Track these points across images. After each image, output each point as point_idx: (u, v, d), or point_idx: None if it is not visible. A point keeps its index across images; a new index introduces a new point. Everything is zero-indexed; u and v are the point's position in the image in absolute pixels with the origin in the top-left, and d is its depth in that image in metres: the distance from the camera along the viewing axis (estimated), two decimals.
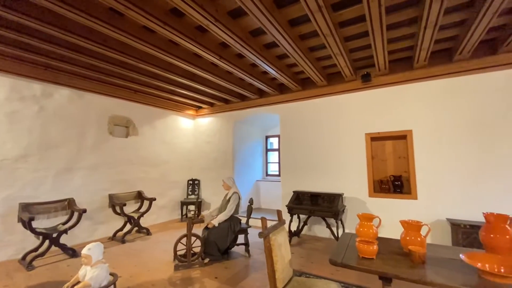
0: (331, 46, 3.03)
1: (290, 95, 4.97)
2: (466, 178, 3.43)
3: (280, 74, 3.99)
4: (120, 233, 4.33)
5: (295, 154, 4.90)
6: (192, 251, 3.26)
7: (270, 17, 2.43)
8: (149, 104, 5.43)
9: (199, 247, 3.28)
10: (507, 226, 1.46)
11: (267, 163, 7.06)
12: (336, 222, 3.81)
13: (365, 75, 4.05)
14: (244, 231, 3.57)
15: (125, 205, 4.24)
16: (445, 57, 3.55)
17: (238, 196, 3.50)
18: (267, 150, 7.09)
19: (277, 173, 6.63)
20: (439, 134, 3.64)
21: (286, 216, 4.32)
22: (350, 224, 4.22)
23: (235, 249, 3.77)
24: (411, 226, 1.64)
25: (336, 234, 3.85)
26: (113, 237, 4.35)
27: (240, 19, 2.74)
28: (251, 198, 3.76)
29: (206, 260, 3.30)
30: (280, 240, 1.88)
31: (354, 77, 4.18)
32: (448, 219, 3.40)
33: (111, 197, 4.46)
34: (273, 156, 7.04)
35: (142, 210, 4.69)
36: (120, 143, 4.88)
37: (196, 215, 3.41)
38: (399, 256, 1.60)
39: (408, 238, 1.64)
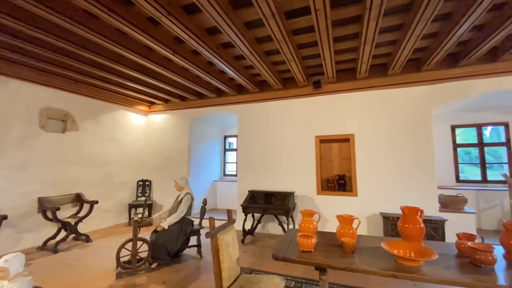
0: (284, 52, 3.17)
1: (248, 96, 5.04)
2: (395, 177, 3.96)
3: (237, 75, 4.02)
4: (52, 242, 3.81)
5: (252, 154, 4.98)
6: (138, 257, 3.06)
7: (226, 17, 2.44)
8: (93, 96, 4.90)
9: (147, 252, 3.09)
10: (418, 217, 1.73)
11: (225, 163, 7.03)
12: (287, 219, 4.01)
13: (316, 82, 4.35)
14: (197, 232, 3.49)
15: (58, 209, 3.74)
16: (382, 71, 4.05)
17: (190, 197, 3.41)
18: (225, 150, 7.06)
19: (235, 173, 6.65)
20: (375, 138, 4.12)
21: (241, 215, 4.38)
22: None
23: (187, 251, 3.66)
24: (345, 220, 1.82)
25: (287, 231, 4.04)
26: (43, 247, 3.80)
27: (195, 15, 2.68)
28: (205, 199, 3.70)
29: (154, 265, 3.13)
30: (228, 239, 1.89)
31: (306, 83, 4.45)
32: (380, 213, 3.88)
33: (41, 200, 3.89)
34: (232, 156, 7.04)
35: (81, 214, 4.21)
36: (55, 139, 4.29)
37: (143, 218, 3.20)
38: (334, 248, 1.77)
39: (342, 231, 1.82)
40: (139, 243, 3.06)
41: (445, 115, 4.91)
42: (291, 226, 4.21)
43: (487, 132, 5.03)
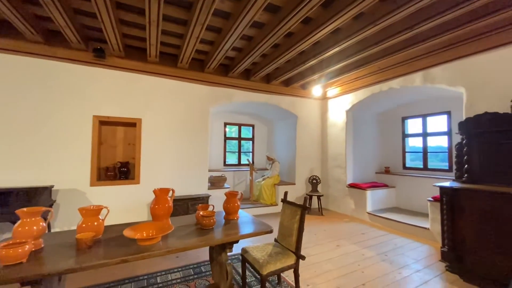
0: None
1: None
2: (176, 163, 4.29)
3: None
4: None
5: None
6: None
7: None
8: None
9: None
10: (168, 197, 1.88)
11: None
12: None
13: (98, 49, 3.58)
14: None
15: None
16: (172, 62, 4.19)
17: None
18: None
19: None
20: (162, 126, 4.20)
21: None
22: (65, 221, 3.50)
23: None
24: (88, 212, 1.56)
25: None
26: None
27: None
28: None
29: None
30: None
31: (83, 46, 3.52)
32: None
33: None
34: None
35: None
36: None
37: None
38: (67, 248, 1.44)
39: (84, 225, 1.54)
40: None
41: (220, 114, 6.18)
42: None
43: (251, 131, 6.99)
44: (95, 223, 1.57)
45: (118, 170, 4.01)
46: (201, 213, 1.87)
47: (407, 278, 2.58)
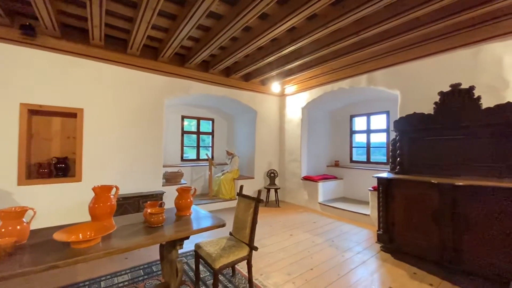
0: None
1: None
2: (126, 158, 3.97)
3: None
4: None
5: None
6: None
7: None
8: None
9: None
10: (110, 195, 1.74)
11: None
12: None
13: (26, 26, 3.07)
14: None
15: None
16: (121, 47, 3.82)
17: None
18: None
19: None
20: (109, 117, 3.82)
21: None
22: None
23: None
24: (9, 215, 1.35)
25: None
26: None
27: None
28: None
29: None
30: None
31: (8, 21, 2.97)
32: None
33: None
34: None
35: None
36: None
37: None
38: None
39: (3, 230, 1.33)
40: None
41: (178, 106, 5.90)
42: None
43: (211, 125, 6.79)
44: (18, 227, 1.36)
45: (54, 167, 3.55)
46: (148, 210, 1.77)
47: (349, 260, 2.87)
